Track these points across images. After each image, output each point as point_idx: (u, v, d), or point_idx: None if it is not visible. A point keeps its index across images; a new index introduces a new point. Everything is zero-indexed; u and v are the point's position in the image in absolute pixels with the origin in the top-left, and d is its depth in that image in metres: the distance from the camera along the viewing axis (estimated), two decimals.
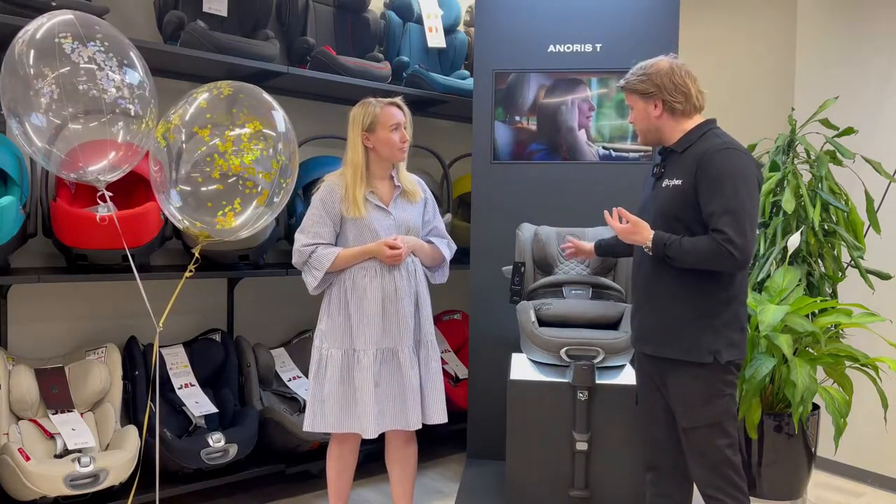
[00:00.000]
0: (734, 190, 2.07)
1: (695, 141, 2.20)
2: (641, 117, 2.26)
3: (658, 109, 2.22)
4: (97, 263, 2.79)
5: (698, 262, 2.10)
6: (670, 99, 2.20)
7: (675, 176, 2.19)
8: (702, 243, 2.08)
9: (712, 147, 2.14)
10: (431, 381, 2.63)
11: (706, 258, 2.08)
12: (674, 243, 2.12)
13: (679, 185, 2.16)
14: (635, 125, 2.31)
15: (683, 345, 2.17)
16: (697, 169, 2.12)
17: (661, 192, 2.23)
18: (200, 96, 2.37)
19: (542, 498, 2.80)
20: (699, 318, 2.16)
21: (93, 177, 2.24)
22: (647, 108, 2.23)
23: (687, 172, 2.15)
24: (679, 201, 2.16)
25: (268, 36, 3.30)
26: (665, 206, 2.20)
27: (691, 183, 2.13)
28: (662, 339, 2.21)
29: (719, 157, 2.11)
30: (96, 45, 2.18)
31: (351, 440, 2.66)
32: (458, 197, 4.13)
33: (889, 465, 3.59)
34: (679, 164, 2.20)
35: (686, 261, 2.11)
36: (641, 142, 2.35)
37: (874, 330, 3.15)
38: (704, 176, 2.10)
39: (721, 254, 2.05)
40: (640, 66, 2.26)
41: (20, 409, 2.72)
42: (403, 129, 2.61)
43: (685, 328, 2.17)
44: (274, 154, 2.35)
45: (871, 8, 3.74)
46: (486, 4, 3.48)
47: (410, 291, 2.61)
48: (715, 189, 2.08)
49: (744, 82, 4.16)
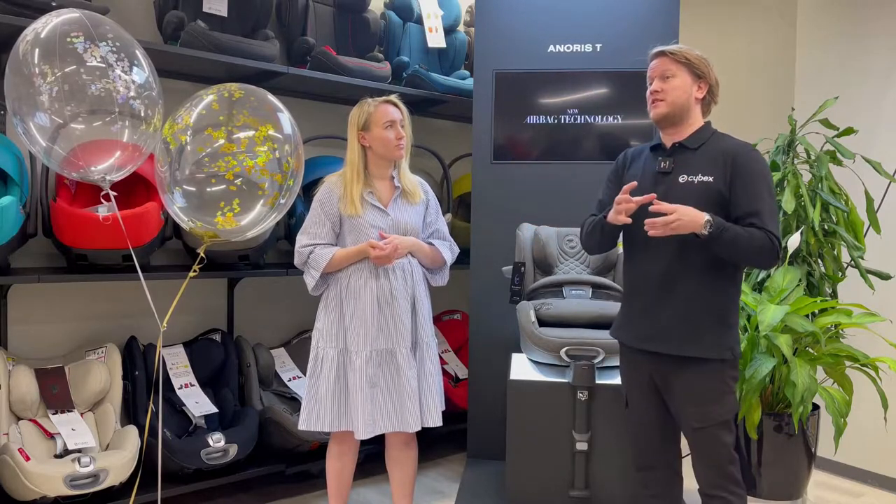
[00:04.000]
0: (770, 190, 2.15)
1: (707, 139, 2.22)
2: (684, 91, 2.20)
3: (701, 93, 2.23)
4: (97, 263, 2.79)
5: (746, 253, 2.10)
6: (714, 90, 2.25)
7: (699, 172, 2.18)
8: (758, 236, 2.09)
9: (742, 146, 2.19)
10: (426, 383, 2.62)
11: (757, 251, 2.09)
12: (731, 227, 2.09)
13: (710, 182, 2.16)
14: (669, 95, 2.19)
15: (707, 343, 2.17)
16: (733, 166, 2.15)
17: (679, 188, 2.18)
18: (209, 97, 2.38)
19: (542, 498, 2.80)
20: (721, 315, 2.18)
21: (99, 176, 2.23)
22: (693, 84, 2.22)
23: (717, 169, 2.16)
24: (709, 198, 2.15)
25: (268, 36, 3.30)
26: (689, 201, 2.13)
27: (724, 180, 2.15)
28: (684, 337, 2.18)
29: (755, 157, 2.17)
30: (108, 45, 2.18)
31: (350, 439, 2.66)
32: (458, 197, 4.13)
33: (889, 465, 3.59)
34: (698, 161, 2.19)
35: (738, 247, 2.08)
36: (661, 113, 2.20)
37: (874, 330, 3.15)
38: (743, 174, 2.14)
39: (772, 250, 2.09)
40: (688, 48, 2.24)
41: (20, 409, 2.72)
42: (400, 126, 2.61)
43: (708, 326, 2.17)
44: (284, 156, 2.38)
45: (871, 8, 3.74)
46: (486, 4, 3.48)
47: (406, 293, 2.60)
48: (758, 189, 2.13)
49: (744, 82, 4.16)
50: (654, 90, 2.23)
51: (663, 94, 2.20)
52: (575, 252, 3.15)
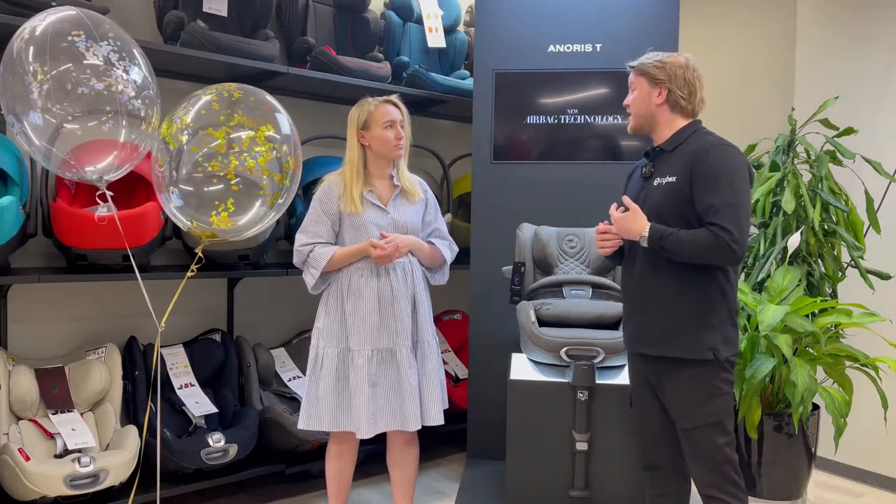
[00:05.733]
0: (730, 184, 2.10)
1: (685, 140, 2.21)
2: (641, 101, 2.26)
3: (661, 98, 2.23)
4: (97, 263, 2.79)
5: (696, 255, 2.10)
6: (676, 91, 2.21)
7: (667, 173, 2.20)
8: (701, 236, 2.08)
9: (706, 143, 2.16)
10: (427, 382, 2.63)
11: (704, 251, 2.08)
12: (671, 235, 2.12)
13: (673, 182, 2.17)
14: (631, 107, 2.29)
15: (684, 343, 2.17)
16: (692, 165, 2.13)
17: (654, 191, 2.23)
18: (208, 97, 2.38)
19: (542, 498, 2.80)
20: (698, 315, 2.16)
21: (96, 176, 2.23)
22: (650, 92, 2.24)
23: (680, 169, 2.16)
24: (674, 198, 2.16)
25: (268, 36, 3.30)
26: (659, 203, 2.19)
27: (686, 179, 2.14)
28: (663, 338, 2.21)
29: (714, 152, 2.13)
30: (109, 44, 2.17)
31: (350, 439, 2.66)
32: (458, 197, 4.13)
33: (889, 465, 3.59)
34: (670, 162, 2.21)
35: (683, 253, 2.11)
36: (632, 126, 2.32)
37: (874, 330, 3.15)
38: (700, 171, 2.12)
39: (720, 247, 2.05)
40: (656, 54, 2.26)
41: (20, 409, 2.72)
42: (399, 126, 2.62)
43: (685, 326, 2.17)
44: (284, 157, 2.38)
45: (871, 8, 3.74)
46: (486, 4, 3.48)
47: (407, 292, 2.61)
48: (711, 183, 2.10)
49: (744, 82, 4.16)
50: (624, 105, 2.34)
51: (629, 108, 2.30)
52: (575, 252, 3.15)
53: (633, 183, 2.39)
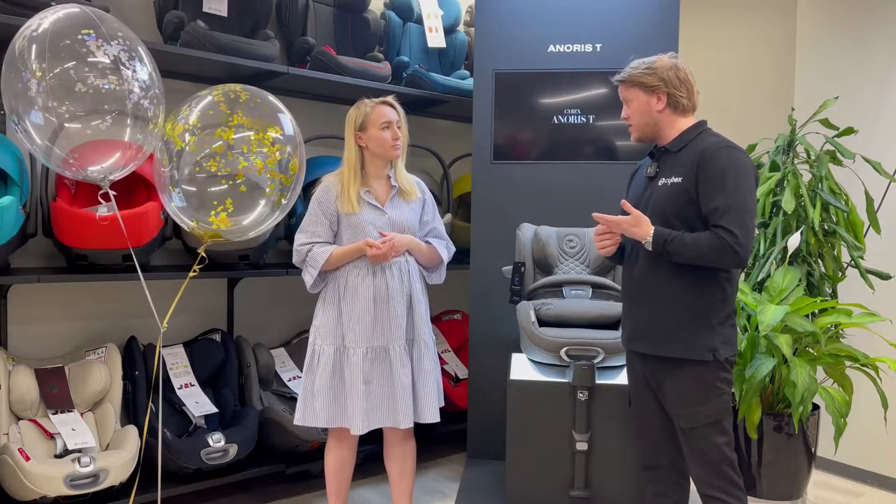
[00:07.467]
0: (735, 186, 2.08)
1: (691, 140, 2.20)
2: (642, 111, 2.25)
3: (661, 103, 2.21)
4: (97, 263, 2.79)
5: (700, 258, 2.10)
6: (675, 93, 2.20)
7: (672, 174, 2.19)
8: (704, 239, 2.08)
9: (712, 145, 2.15)
10: (423, 380, 2.64)
11: (709, 254, 2.07)
12: (675, 239, 2.11)
13: (679, 182, 2.16)
14: (631, 119, 2.28)
15: (682, 343, 2.16)
16: (698, 166, 2.12)
17: (658, 191, 2.22)
18: (211, 98, 2.38)
19: (542, 498, 2.80)
20: (697, 315, 2.16)
21: (100, 175, 2.23)
22: (649, 101, 2.22)
23: (686, 170, 2.15)
24: (679, 199, 2.16)
25: (268, 36, 3.30)
26: (663, 204, 2.19)
27: (691, 180, 2.13)
28: (660, 337, 2.21)
29: (721, 154, 2.12)
30: (119, 44, 2.16)
31: (348, 437, 2.67)
32: (458, 197, 4.13)
33: (889, 465, 3.59)
34: (676, 163, 2.20)
35: (687, 256, 2.10)
36: (636, 137, 2.30)
37: (874, 330, 3.15)
38: (705, 172, 2.10)
39: (724, 250, 2.05)
40: (641, 62, 2.25)
41: (20, 409, 2.72)
42: (396, 127, 2.63)
43: (683, 326, 2.17)
44: (289, 157, 2.39)
45: (871, 8, 3.74)
46: (486, 4, 3.48)
47: (403, 291, 2.62)
48: (717, 185, 2.09)
49: (744, 82, 4.16)
50: (622, 118, 2.32)
51: (629, 120, 2.30)
52: (575, 252, 3.15)
53: (636, 183, 2.38)
